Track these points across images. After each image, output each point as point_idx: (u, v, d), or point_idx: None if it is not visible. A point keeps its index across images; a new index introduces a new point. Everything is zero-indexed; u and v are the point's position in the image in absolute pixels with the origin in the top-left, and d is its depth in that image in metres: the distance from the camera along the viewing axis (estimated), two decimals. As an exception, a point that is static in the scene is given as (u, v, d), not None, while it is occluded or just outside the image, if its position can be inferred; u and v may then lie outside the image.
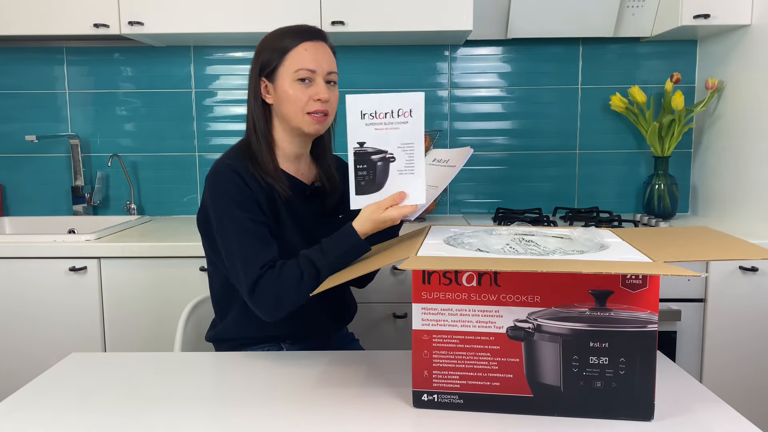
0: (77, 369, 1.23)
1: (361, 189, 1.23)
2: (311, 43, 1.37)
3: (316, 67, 1.35)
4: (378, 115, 1.21)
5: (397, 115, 1.21)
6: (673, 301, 1.98)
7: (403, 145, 1.21)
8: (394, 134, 1.21)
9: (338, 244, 1.24)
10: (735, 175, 2.27)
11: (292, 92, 1.34)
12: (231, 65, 2.56)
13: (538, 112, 2.57)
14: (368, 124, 1.21)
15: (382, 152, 1.22)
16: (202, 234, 1.42)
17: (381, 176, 1.23)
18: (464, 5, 2.17)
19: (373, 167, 1.22)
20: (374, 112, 1.21)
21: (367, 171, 1.23)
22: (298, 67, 1.34)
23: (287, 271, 1.25)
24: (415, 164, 1.22)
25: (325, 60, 1.37)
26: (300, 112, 1.35)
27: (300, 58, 1.35)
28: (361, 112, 1.21)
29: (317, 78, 1.35)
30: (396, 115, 1.21)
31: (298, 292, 1.24)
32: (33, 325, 2.05)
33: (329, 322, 1.50)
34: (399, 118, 1.21)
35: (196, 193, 2.61)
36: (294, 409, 1.04)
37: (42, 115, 2.58)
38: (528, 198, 2.60)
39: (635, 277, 0.95)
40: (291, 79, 1.35)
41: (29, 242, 2.02)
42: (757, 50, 2.14)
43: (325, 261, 1.23)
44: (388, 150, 1.22)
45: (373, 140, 1.22)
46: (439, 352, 1.02)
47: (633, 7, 2.39)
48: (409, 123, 1.21)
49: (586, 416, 0.99)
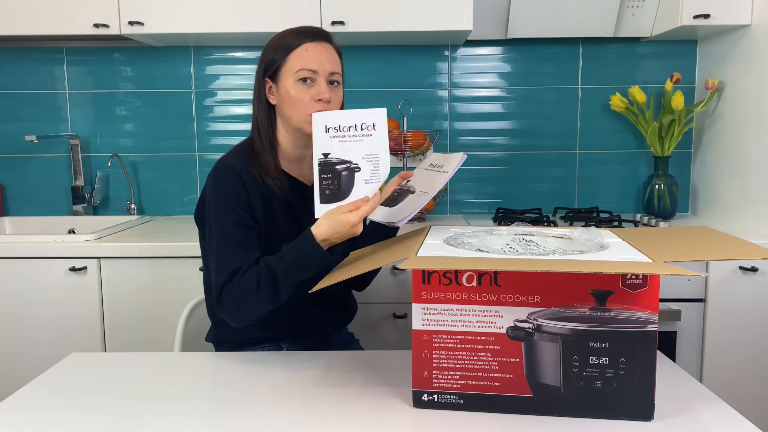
0: (77, 369, 1.23)
1: (326, 197, 1.25)
2: (314, 43, 1.36)
3: (317, 68, 1.35)
4: (342, 128, 1.25)
5: (361, 129, 1.25)
6: (673, 301, 1.98)
7: (368, 155, 1.25)
8: (359, 146, 1.25)
9: (295, 249, 1.24)
10: (735, 175, 2.27)
11: (293, 92, 1.34)
12: (231, 65, 2.56)
13: (538, 112, 2.57)
14: (332, 137, 1.25)
15: (347, 162, 1.25)
16: (199, 227, 1.43)
17: (346, 186, 1.25)
18: (464, 5, 2.17)
19: (337, 177, 1.25)
20: (338, 126, 1.25)
21: (331, 180, 1.25)
22: (299, 67, 1.34)
23: (248, 277, 1.25)
24: (380, 173, 1.25)
25: (327, 60, 1.36)
26: (302, 112, 1.35)
27: (301, 59, 1.35)
28: (325, 127, 1.25)
29: (319, 78, 1.35)
30: (359, 128, 1.25)
31: (257, 299, 1.24)
32: (33, 325, 2.05)
33: (329, 322, 1.50)
34: (363, 131, 1.25)
35: (196, 193, 2.61)
36: (294, 409, 1.04)
37: (42, 115, 2.58)
38: (528, 198, 2.60)
39: (635, 277, 0.95)
40: (293, 79, 1.34)
41: (29, 242, 2.02)
42: (757, 50, 2.14)
43: (282, 267, 1.23)
44: (352, 161, 1.25)
45: (338, 152, 1.25)
46: (439, 352, 1.02)
47: (633, 7, 2.39)
48: (372, 135, 1.24)
49: (586, 416, 0.99)
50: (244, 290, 1.24)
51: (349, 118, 1.25)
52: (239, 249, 1.29)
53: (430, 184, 1.35)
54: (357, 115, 1.25)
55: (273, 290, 1.23)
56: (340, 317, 1.54)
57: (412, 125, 2.53)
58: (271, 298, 1.24)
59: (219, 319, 1.44)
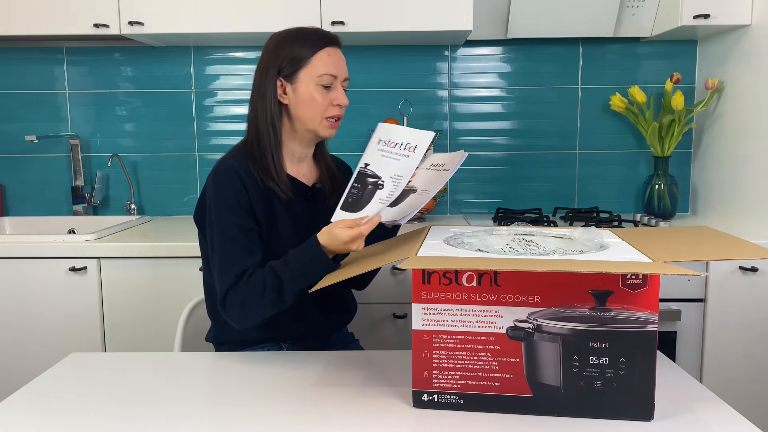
0: (77, 369, 1.23)
1: (347, 205, 1.26)
2: (333, 48, 1.38)
3: (337, 73, 1.37)
4: (389, 143, 1.28)
5: (404, 148, 1.27)
6: (673, 301, 1.98)
7: (395, 176, 1.26)
8: (393, 164, 1.27)
9: (300, 255, 1.24)
10: (735, 175, 2.27)
11: (314, 96, 1.35)
12: (231, 65, 2.56)
13: (538, 112, 2.57)
14: (379, 150, 1.28)
15: (377, 177, 1.27)
16: (199, 227, 1.42)
17: (365, 200, 1.26)
18: (464, 5, 2.17)
19: (364, 189, 1.26)
20: (389, 140, 1.28)
21: (358, 191, 1.26)
22: (322, 72, 1.35)
23: (254, 280, 1.26)
24: (393, 196, 1.26)
25: (343, 66, 1.40)
26: (319, 116, 1.36)
27: (324, 64, 1.35)
28: (380, 138, 1.29)
29: (337, 84, 1.38)
30: (403, 147, 1.27)
31: (262, 303, 1.24)
32: (33, 325, 2.05)
33: (329, 322, 1.50)
34: (404, 150, 1.27)
35: (196, 194, 2.61)
36: (294, 409, 1.04)
37: (42, 115, 2.58)
38: (528, 198, 2.60)
39: (635, 277, 0.95)
40: (315, 83, 1.35)
41: (29, 242, 2.02)
42: (757, 50, 2.14)
43: (288, 273, 1.23)
44: (381, 177, 1.27)
45: (376, 165, 1.27)
46: (439, 352, 1.02)
47: (633, 7, 2.39)
48: (409, 158, 1.26)
49: (586, 416, 0.99)
50: (250, 294, 1.25)
51: (402, 134, 1.27)
52: (242, 252, 1.29)
53: (431, 183, 1.34)
54: (409, 134, 1.28)
55: (278, 295, 1.23)
56: (340, 317, 1.54)
57: (412, 125, 2.53)
58: (275, 302, 1.24)
59: (220, 320, 1.44)
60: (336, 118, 1.39)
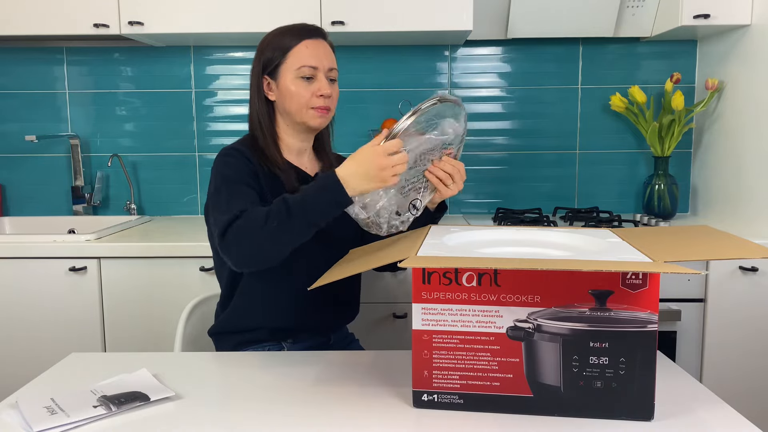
0: (77, 369, 1.23)
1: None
2: (312, 40, 1.40)
3: (317, 64, 1.39)
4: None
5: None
6: (673, 301, 1.98)
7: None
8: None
9: (314, 184, 1.22)
10: (735, 175, 2.27)
11: (294, 89, 1.38)
12: (231, 65, 2.56)
13: (538, 112, 2.57)
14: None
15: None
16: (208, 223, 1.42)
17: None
18: (464, 5, 2.17)
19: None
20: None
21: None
22: (300, 65, 1.38)
23: (257, 211, 1.23)
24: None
25: (325, 57, 1.41)
26: (304, 107, 1.39)
27: (302, 56, 1.38)
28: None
29: (319, 74, 1.39)
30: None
31: (264, 228, 1.19)
32: (33, 325, 2.05)
33: (331, 316, 1.51)
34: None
35: (196, 193, 2.61)
36: (294, 409, 1.04)
37: (42, 115, 2.58)
38: (528, 198, 2.60)
39: (635, 277, 0.95)
40: (293, 76, 1.38)
41: (29, 242, 2.02)
42: (757, 50, 2.14)
43: (299, 197, 1.20)
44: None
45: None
46: (439, 352, 1.02)
47: (633, 7, 2.39)
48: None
49: (586, 416, 0.99)
50: (253, 219, 1.21)
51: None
52: (247, 199, 1.28)
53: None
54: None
55: (283, 219, 1.18)
56: (343, 313, 1.54)
57: (412, 125, 2.53)
58: (280, 229, 1.19)
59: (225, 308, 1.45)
60: (322, 107, 1.39)
